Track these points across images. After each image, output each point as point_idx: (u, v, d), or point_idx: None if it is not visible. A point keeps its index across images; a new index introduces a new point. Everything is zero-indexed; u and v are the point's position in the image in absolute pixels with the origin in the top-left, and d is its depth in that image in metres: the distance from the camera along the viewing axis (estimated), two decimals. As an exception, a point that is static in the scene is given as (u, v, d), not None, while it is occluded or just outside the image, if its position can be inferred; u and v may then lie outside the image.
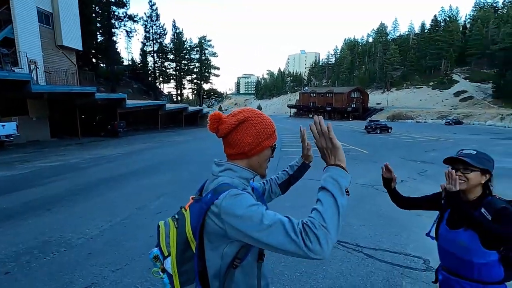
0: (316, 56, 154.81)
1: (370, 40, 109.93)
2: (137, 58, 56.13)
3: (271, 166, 1.17)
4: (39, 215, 4.62)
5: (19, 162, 10.01)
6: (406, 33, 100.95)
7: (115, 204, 5.32)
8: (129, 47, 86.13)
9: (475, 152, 1.43)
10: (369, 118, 43.86)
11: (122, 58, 58.92)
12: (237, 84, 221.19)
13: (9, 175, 7.82)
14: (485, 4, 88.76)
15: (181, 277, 0.94)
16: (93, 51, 39.26)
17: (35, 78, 15.87)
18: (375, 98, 78.98)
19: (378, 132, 28.27)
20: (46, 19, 20.47)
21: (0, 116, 14.98)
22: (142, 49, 52.97)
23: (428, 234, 1.65)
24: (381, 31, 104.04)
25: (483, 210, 1.35)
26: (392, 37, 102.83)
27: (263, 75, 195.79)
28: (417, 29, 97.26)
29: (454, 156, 1.46)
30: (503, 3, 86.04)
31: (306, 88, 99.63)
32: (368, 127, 29.21)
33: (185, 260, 0.94)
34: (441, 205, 1.56)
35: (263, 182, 1.37)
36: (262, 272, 1.00)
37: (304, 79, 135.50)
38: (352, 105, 67.10)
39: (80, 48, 24.13)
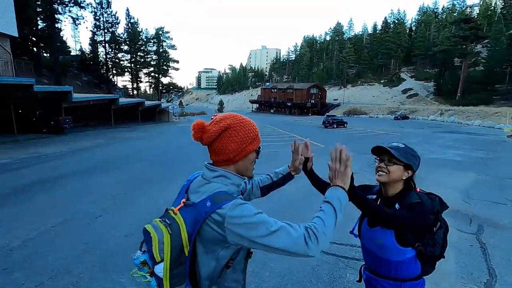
0: (277, 52, 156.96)
1: (328, 38, 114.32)
2: (87, 48, 51.72)
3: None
4: None
5: None
6: (360, 33, 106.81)
7: (48, 208, 4.74)
8: (76, 36, 78.95)
9: (403, 146, 1.37)
10: (326, 114, 45.66)
11: (69, 47, 53.97)
12: (198, 79, 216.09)
13: None
14: (428, 9, 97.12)
15: (172, 280, 0.96)
16: (33, 38, 35.23)
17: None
18: (332, 94, 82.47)
19: (335, 126, 29.50)
20: (-30, -1, 17.82)
21: None
22: (92, 39, 48.89)
23: (351, 232, 1.59)
24: (337, 30, 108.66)
25: (397, 205, 1.31)
26: (348, 36, 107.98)
27: (225, 69, 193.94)
28: (370, 30, 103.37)
29: (380, 146, 1.41)
30: (442, 9, 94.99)
31: (268, 83, 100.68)
32: (326, 122, 30.34)
33: (179, 264, 0.97)
34: None
35: (245, 182, 1.38)
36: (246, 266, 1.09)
37: (266, 75, 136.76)
38: (311, 101, 69.35)
39: (15, 34, 21.45)
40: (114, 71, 54.13)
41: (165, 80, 65.14)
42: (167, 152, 11.78)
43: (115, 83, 55.89)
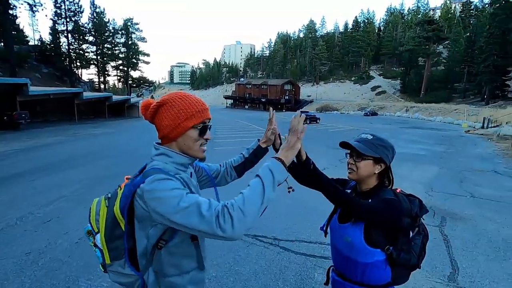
0: (251, 48, 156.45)
1: (301, 35, 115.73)
2: (47, 39, 48.01)
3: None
4: None
5: None
6: (332, 31, 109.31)
7: (-11, 213, 4.20)
8: (34, 24, 73.43)
9: (371, 137, 1.23)
10: (300, 110, 46.30)
11: (28, 36, 49.83)
12: (171, 73, 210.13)
13: None
14: (395, 10, 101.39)
15: (111, 252, 0.99)
16: (-17, 25, 31.98)
17: None
18: (306, 90, 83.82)
19: (308, 122, 29.91)
20: None
21: None
22: (52, 28, 45.46)
23: (321, 228, 1.44)
24: (310, 27, 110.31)
25: (370, 201, 1.18)
26: (320, 34, 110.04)
27: (198, 64, 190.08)
28: (341, 28, 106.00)
29: (345, 141, 1.27)
30: (408, 11, 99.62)
31: (242, 79, 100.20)
32: (299, 118, 30.71)
33: (115, 237, 0.98)
34: None
35: (220, 165, 1.35)
36: (200, 251, 1.02)
37: (240, 70, 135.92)
38: (285, 97, 70.00)
39: (-40, 20, 19.31)
40: (78, 63, 50.97)
41: (135, 74, 62.54)
42: (139, 148, 11.18)
43: (80, 76, 52.59)
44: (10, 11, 34.98)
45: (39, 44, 47.57)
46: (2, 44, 35.96)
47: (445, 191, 6.02)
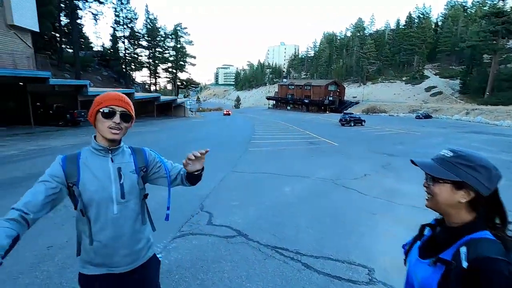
0: (295, 49, 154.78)
1: (348, 34, 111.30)
2: (107, 44, 52.85)
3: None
4: None
5: None
6: (382, 28, 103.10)
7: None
8: (98, 32, 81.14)
9: (451, 154, 0.87)
10: (344, 111, 44.34)
11: (92, 43, 55.36)
12: (216, 75, 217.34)
13: None
14: (456, 3, 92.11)
15: None
16: (56, 34, 36.22)
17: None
18: (351, 91, 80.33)
19: (352, 125, 28.50)
20: (-7, -6, 18.32)
21: None
22: (112, 35, 49.91)
23: (404, 247, 1.07)
24: (358, 26, 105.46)
25: (463, 249, 0.78)
26: (369, 32, 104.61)
27: (242, 66, 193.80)
28: (392, 25, 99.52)
29: (411, 160, 0.94)
30: (472, 3, 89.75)
31: (285, 80, 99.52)
32: (343, 120, 29.40)
33: None
34: None
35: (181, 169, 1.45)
36: (91, 225, 1.20)
37: (284, 71, 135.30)
38: (329, 98, 67.74)
39: (36, 29, 21.98)
40: (133, 66, 55.09)
41: (182, 75, 65.79)
42: (168, 147, 11.54)
43: (134, 78, 56.96)
44: (78, 21, 39.19)
45: (101, 49, 52.55)
46: (71, 50, 40.31)
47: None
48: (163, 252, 3.08)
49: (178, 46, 61.24)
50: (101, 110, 1.21)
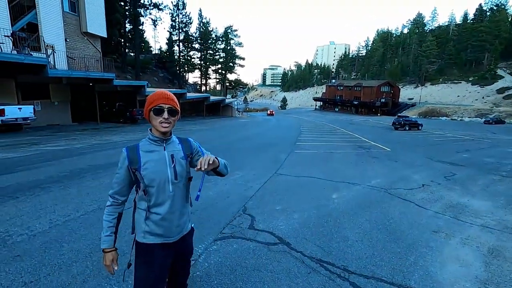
0: (346, 48, 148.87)
1: (405, 31, 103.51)
2: (164, 48, 56.66)
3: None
4: (0, 204, 4.26)
5: (27, 145, 10.06)
6: (446, 23, 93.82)
7: (89, 195, 4.88)
8: (156, 36, 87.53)
9: None
10: (398, 114, 41.26)
11: (151, 47, 59.95)
12: (263, 76, 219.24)
13: (4, 158, 7.74)
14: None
15: None
16: (121, 39, 39.91)
17: (52, 62, 16.10)
18: (407, 93, 74.62)
19: (407, 128, 26.36)
20: (72, 6, 20.76)
21: (22, 100, 15.43)
22: (168, 38, 53.38)
23: None
24: (418, 21, 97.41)
25: None
26: (430, 28, 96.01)
27: (290, 66, 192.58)
28: (458, 20, 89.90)
29: None
30: None
31: (334, 80, 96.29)
32: (396, 123, 27.38)
33: None
34: None
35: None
36: (152, 202, 1.48)
37: (332, 72, 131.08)
38: (381, 100, 63.69)
39: (104, 35, 24.42)
40: (186, 68, 58.18)
41: (231, 76, 67.57)
42: (216, 147, 11.79)
43: (187, 79, 60.14)
44: (139, 27, 42.67)
45: (158, 52, 56.52)
46: (133, 54, 44.11)
47: None
48: (204, 253, 3.04)
49: (228, 48, 63.04)
50: (152, 108, 1.46)
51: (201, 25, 58.54)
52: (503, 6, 78.55)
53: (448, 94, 67.22)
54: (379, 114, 61.43)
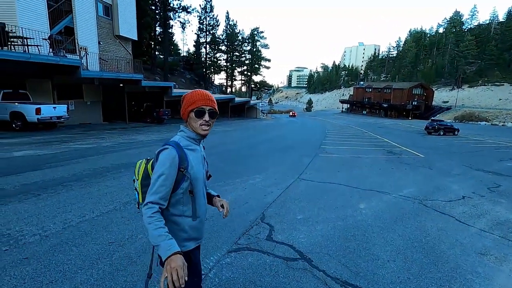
0: (375, 49, 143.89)
1: (441, 30, 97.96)
2: (192, 50, 57.99)
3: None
4: (22, 201, 4.30)
5: (58, 143, 10.48)
6: (487, 21, 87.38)
7: (108, 195, 4.84)
8: (184, 38, 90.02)
9: None
10: (432, 118, 38.93)
11: (180, 49, 61.56)
12: (289, 77, 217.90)
13: (35, 155, 8.06)
14: None
15: (143, 194, 1.44)
16: (151, 42, 41.32)
17: (85, 64, 16.83)
18: (441, 95, 70.48)
19: (441, 133, 24.68)
20: (106, 10, 21.71)
21: (57, 99, 16.27)
22: (196, 41, 54.54)
23: None
24: (455, 20, 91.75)
25: None
26: (469, 26, 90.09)
27: (316, 68, 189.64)
28: (501, 17, 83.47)
29: None
30: None
31: (362, 82, 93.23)
32: (430, 127, 25.74)
33: (145, 184, 1.42)
34: None
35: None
36: (195, 203, 1.43)
37: (361, 73, 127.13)
38: (413, 103, 60.53)
39: (135, 38, 25.31)
40: (212, 70, 59.11)
41: (256, 78, 67.71)
42: (241, 148, 11.60)
43: (213, 80, 61.09)
44: (169, 30, 43.97)
45: (186, 55, 57.94)
46: (162, 56, 45.54)
47: None
48: (215, 267, 2.79)
49: (254, 50, 63.22)
50: (193, 110, 1.40)
51: (228, 27, 59.23)
52: (554, 2, 71.90)
53: (489, 97, 62.48)
54: (410, 118, 58.48)
